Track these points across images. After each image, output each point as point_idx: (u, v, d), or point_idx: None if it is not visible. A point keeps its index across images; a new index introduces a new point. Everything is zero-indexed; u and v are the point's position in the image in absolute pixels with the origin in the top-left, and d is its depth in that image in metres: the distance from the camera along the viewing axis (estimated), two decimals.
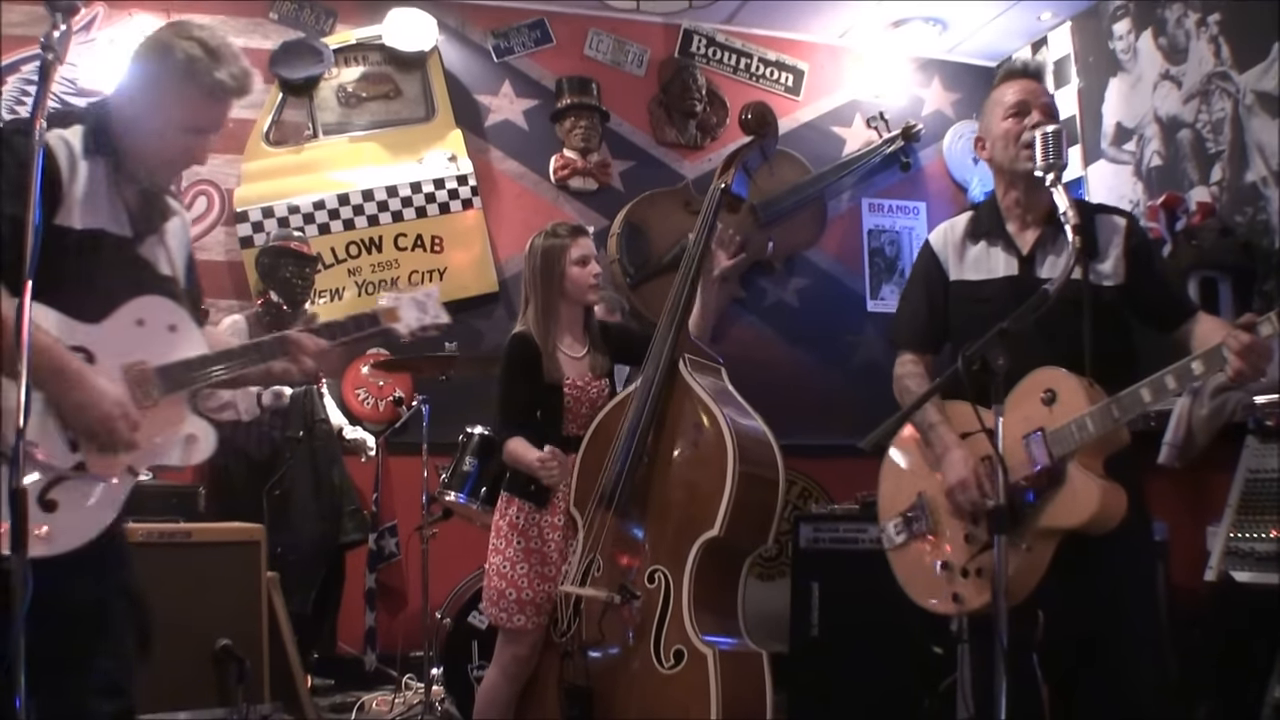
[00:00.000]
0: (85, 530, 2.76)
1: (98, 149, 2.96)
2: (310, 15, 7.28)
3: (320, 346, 3.18)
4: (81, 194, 2.89)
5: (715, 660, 3.69)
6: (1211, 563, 4.86)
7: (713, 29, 8.02)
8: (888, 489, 3.62)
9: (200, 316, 3.29)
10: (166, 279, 3.08)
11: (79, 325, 2.85)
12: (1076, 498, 3.08)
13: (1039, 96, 3.45)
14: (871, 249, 8.21)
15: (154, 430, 2.91)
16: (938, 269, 3.61)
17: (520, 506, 4.34)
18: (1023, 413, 3.15)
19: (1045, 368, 3.19)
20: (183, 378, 2.96)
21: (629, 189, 7.69)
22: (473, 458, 5.45)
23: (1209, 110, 6.47)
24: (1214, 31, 6.44)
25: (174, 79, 2.95)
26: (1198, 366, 2.93)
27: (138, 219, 3.04)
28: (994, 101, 3.50)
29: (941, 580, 3.35)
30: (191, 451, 2.97)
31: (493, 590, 4.30)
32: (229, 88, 2.98)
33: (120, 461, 2.84)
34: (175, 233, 3.20)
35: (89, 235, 2.89)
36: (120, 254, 2.98)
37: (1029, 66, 3.65)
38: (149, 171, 3.03)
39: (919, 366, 3.65)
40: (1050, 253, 3.41)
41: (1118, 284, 3.36)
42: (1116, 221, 3.44)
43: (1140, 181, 7.02)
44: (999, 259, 3.48)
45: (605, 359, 4.51)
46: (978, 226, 3.57)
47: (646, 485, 4.07)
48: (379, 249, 7.11)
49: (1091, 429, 3.05)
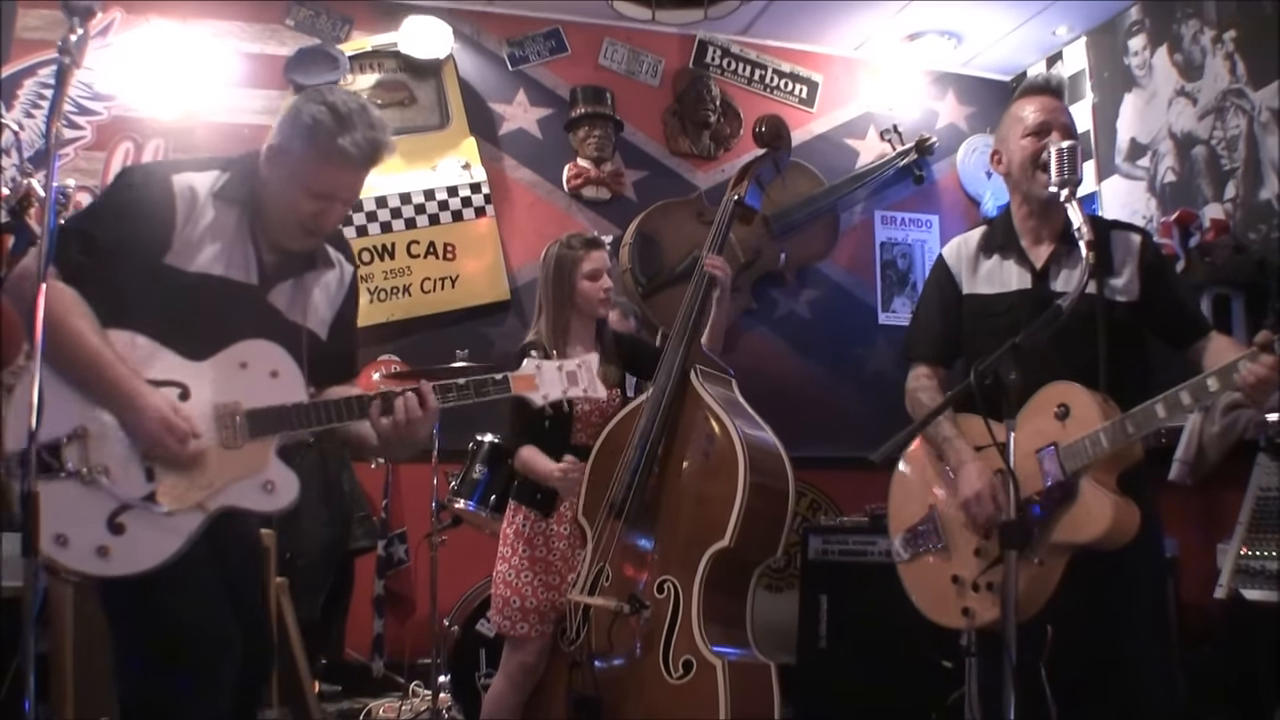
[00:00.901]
0: (143, 558, 2.76)
1: (233, 196, 3.02)
2: (326, 22, 7.29)
3: (415, 419, 3.09)
4: (199, 237, 2.94)
5: (724, 671, 3.69)
6: (1222, 580, 4.85)
7: (728, 40, 8.02)
8: (898, 502, 3.62)
9: (344, 371, 3.34)
10: (291, 326, 3.09)
11: (181, 361, 2.90)
12: (1089, 513, 3.08)
13: (1060, 116, 3.44)
14: (884, 262, 8.19)
15: (233, 471, 2.91)
16: (951, 282, 3.61)
17: (527, 515, 4.36)
18: (1036, 427, 3.15)
19: (1059, 382, 3.19)
20: (271, 423, 2.95)
21: (642, 199, 7.69)
22: (483, 465, 5.45)
23: (1224, 127, 6.46)
24: (1229, 48, 6.43)
25: (299, 142, 2.99)
26: (1212, 383, 2.93)
27: (269, 267, 3.07)
28: (1014, 117, 3.49)
29: (951, 594, 3.34)
30: (269, 498, 2.95)
31: (499, 598, 4.31)
32: (350, 155, 2.97)
33: (191, 497, 2.85)
34: (325, 286, 3.23)
35: (201, 279, 2.94)
36: (239, 299, 3.02)
37: (1051, 82, 3.63)
38: (276, 230, 3.06)
39: (932, 380, 3.65)
40: (1064, 267, 3.41)
41: (1131, 300, 3.36)
42: (1131, 238, 3.44)
43: (1154, 197, 7.00)
44: (1012, 273, 3.48)
45: (616, 369, 4.51)
46: (991, 240, 3.57)
47: (657, 495, 4.07)
48: (391, 256, 7.11)
49: (1105, 444, 3.05)
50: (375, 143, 3.01)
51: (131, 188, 2.96)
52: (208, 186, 3.00)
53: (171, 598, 2.80)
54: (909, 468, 3.61)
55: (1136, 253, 3.40)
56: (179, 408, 2.84)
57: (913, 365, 3.73)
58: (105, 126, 6.73)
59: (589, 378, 3.23)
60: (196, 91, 6.94)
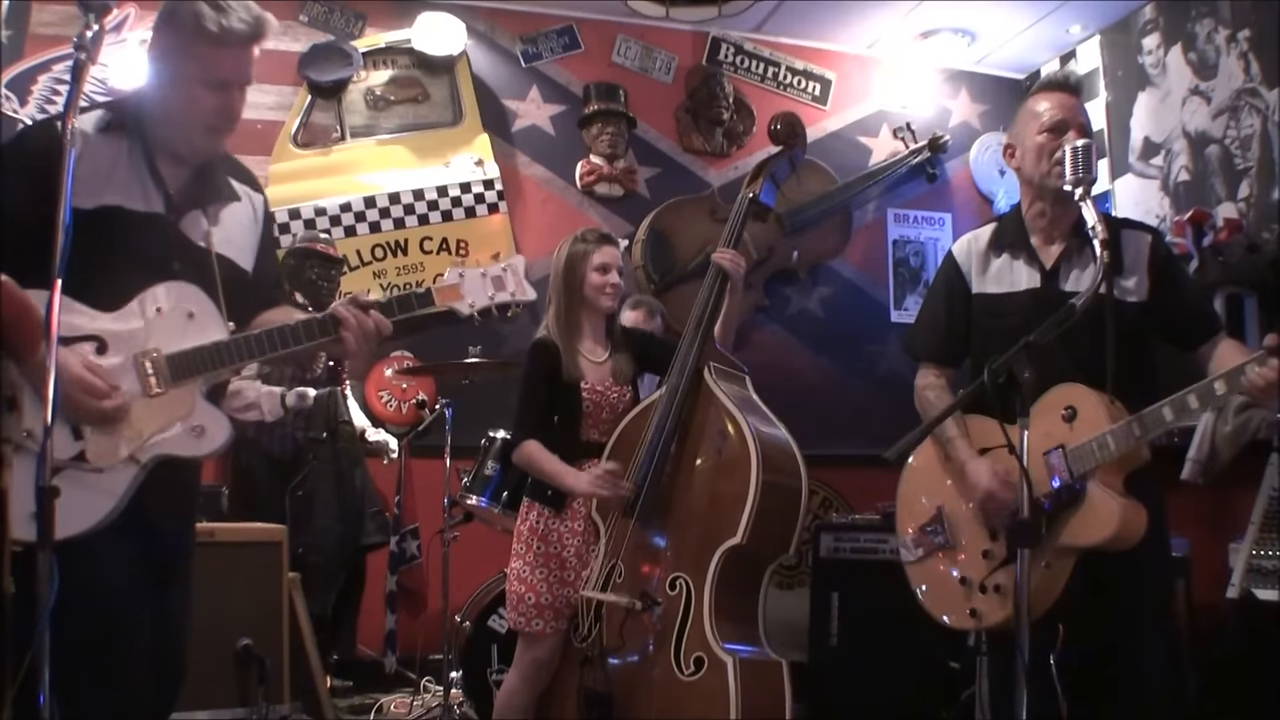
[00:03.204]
0: (83, 519, 2.70)
1: (118, 127, 2.96)
2: (340, 18, 7.30)
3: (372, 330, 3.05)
4: (92, 174, 2.85)
5: (735, 668, 3.68)
6: (1234, 580, 4.84)
7: (741, 37, 8.02)
8: (906, 501, 3.61)
9: (271, 298, 3.29)
10: (204, 254, 3.02)
11: (95, 314, 2.83)
12: (1096, 516, 3.07)
13: (1077, 114, 3.41)
14: (896, 259, 8.19)
15: (160, 419, 2.85)
16: (960, 281, 3.59)
17: (540, 512, 4.35)
18: (1043, 429, 3.14)
19: (1066, 384, 3.17)
20: (192, 366, 2.89)
21: (655, 196, 7.70)
22: (495, 462, 5.47)
23: (1238, 126, 6.45)
24: (1244, 48, 6.42)
25: (186, 38, 2.93)
26: (1220, 387, 2.92)
27: (178, 196, 3.02)
28: (1030, 112, 3.46)
29: (959, 595, 3.34)
30: (200, 443, 2.90)
31: (512, 594, 4.31)
32: (240, 32, 2.94)
33: (120, 451, 2.79)
34: (238, 216, 3.20)
35: (104, 213, 2.87)
36: (146, 229, 2.96)
37: (1069, 79, 3.59)
38: (188, 142, 3.02)
39: (940, 379, 3.64)
40: (1074, 266, 3.39)
41: (1140, 300, 3.34)
42: (1142, 237, 3.42)
43: (1167, 196, 7.00)
44: (1021, 272, 3.47)
45: (628, 365, 4.50)
46: (1001, 238, 3.54)
47: (670, 492, 4.07)
48: (404, 252, 7.12)
49: (1112, 447, 3.04)
50: (257, 16, 2.99)
51: (17, 141, 2.91)
52: (93, 124, 2.93)
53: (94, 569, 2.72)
54: (918, 466, 3.60)
55: (1147, 253, 3.38)
56: (94, 365, 2.76)
57: (920, 365, 3.73)
58: None
59: (515, 280, 3.19)
60: None
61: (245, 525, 5.08)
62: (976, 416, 3.36)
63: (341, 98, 7.21)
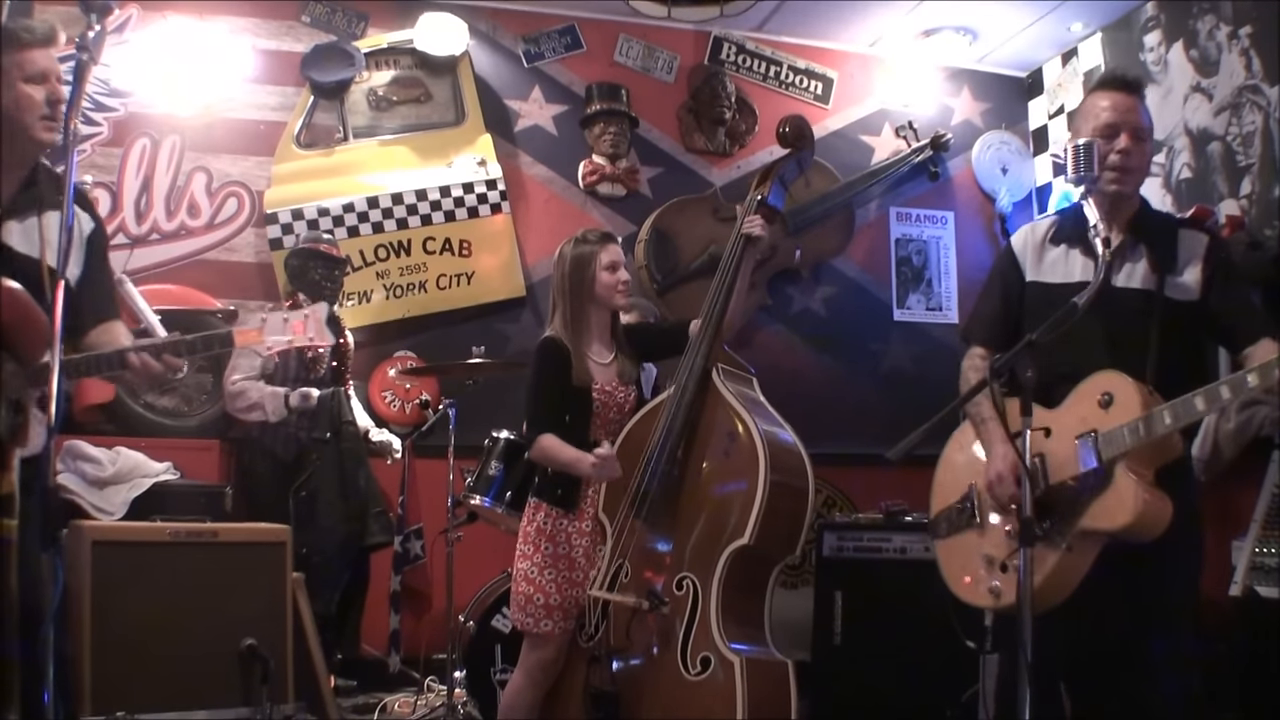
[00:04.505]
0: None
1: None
2: (342, 19, 7.31)
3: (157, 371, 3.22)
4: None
5: (742, 668, 3.70)
6: (1236, 577, 4.85)
7: (743, 36, 8.02)
8: (942, 481, 3.64)
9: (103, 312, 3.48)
10: (27, 261, 3.15)
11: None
12: (1117, 501, 3.07)
13: (1131, 116, 3.40)
14: (899, 258, 8.18)
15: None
16: (1015, 269, 3.61)
17: (548, 512, 4.35)
18: (1080, 413, 3.17)
19: (1107, 371, 3.18)
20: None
21: (657, 195, 7.70)
22: (498, 462, 5.47)
23: (1239, 123, 6.45)
24: (1245, 44, 6.42)
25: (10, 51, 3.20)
26: (1253, 379, 2.91)
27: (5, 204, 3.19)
28: (1090, 111, 3.47)
29: (982, 573, 3.35)
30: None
31: (519, 595, 4.31)
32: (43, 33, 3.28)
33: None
34: (53, 225, 3.26)
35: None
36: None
37: (1128, 78, 3.57)
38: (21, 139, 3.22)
39: (985, 360, 3.61)
40: (1128, 261, 3.40)
41: (1190, 300, 3.34)
42: (1199, 238, 3.43)
43: (1169, 194, 6.99)
44: (1076, 263, 3.48)
45: (633, 365, 4.51)
46: (1061, 230, 3.56)
47: (677, 493, 4.08)
48: (407, 252, 7.13)
49: (1142, 433, 3.04)
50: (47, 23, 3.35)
51: None
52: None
53: None
54: (955, 448, 3.65)
55: (1203, 253, 3.38)
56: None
57: (970, 346, 3.74)
58: (122, 123, 6.76)
59: (316, 326, 3.31)
60: (212, 88, 6.97)
61: (249, 525, 5.09)
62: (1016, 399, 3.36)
63: (344, 98, 7.21)
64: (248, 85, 7.08)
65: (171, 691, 4.42)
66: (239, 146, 7.03)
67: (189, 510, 5.25)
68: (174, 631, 4.47)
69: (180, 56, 6.88)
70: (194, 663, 4.48)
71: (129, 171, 6.79)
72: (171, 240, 6.84)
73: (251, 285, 6.91)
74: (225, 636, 4.56)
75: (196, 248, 6.89)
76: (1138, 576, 3.19)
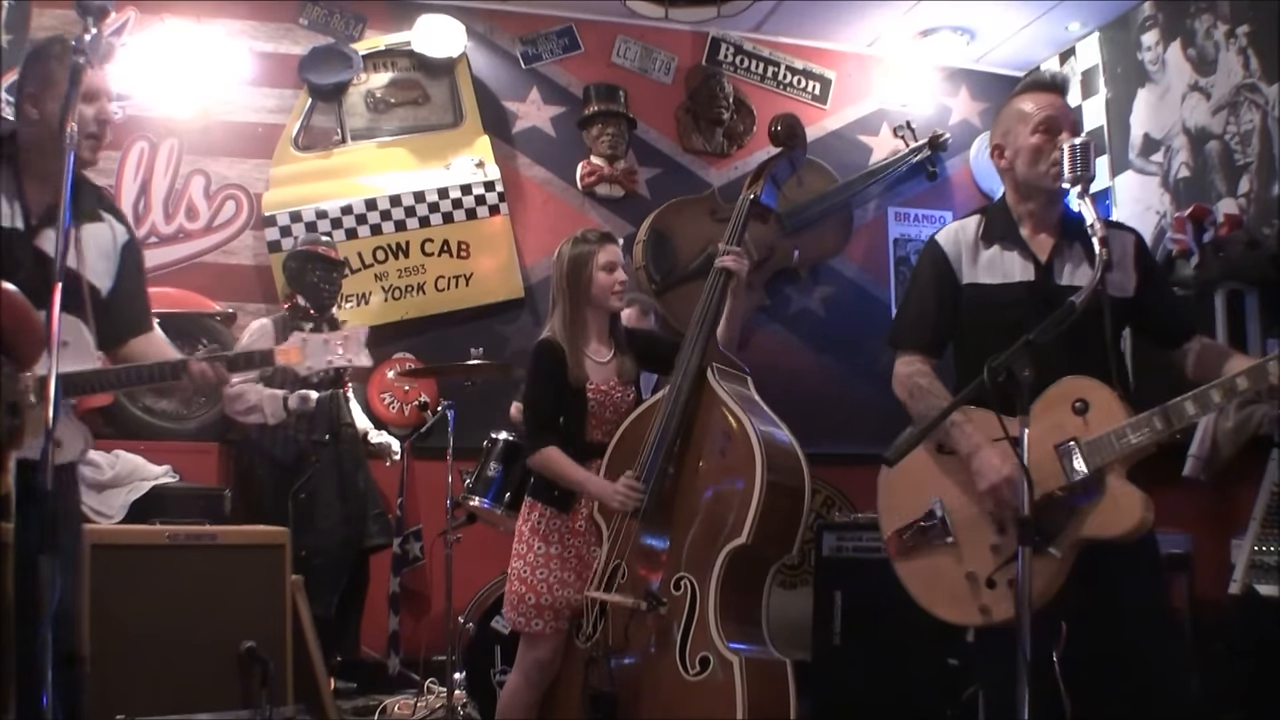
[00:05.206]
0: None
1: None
2: (340, 21, 7.31)
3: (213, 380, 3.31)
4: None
5: (741, 668, 3.69)
6: (1235, 576, 4.85)
7: (740, 37, 8.02)
8: (893, 497, 3.55)
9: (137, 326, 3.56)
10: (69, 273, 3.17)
11: None
12: (1120, 508, 3.06)
13: (1067, 113, 3.46)
14: (897, 258, 8.19)
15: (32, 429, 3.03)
16: (949, 271, 3.56)
17: (543, 512, 4.35)
18: (1052, 421, 3.14)
19: (1074, 377, 3.17)
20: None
21: (655, 196, 7.71)
22: (497, 463, 5.48)
23: (1237, 122, 6.46)
24: (1243, 43, 6.42)
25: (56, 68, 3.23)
26: (1243, 382, 2.93)
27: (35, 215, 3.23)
28: (1018, 113, 3.46)
29: (966, 592, 3.31)
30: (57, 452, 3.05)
31: (514, 595, 4.31)
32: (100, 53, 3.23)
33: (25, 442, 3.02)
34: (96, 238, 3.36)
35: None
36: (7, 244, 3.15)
37: (1056, 79, 3.64)
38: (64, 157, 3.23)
39: (927, 366, 3.61)
40: (1067, 261, 3.41)
41: (1126, 297, 3.38)
42: (1127, 236, 3.48)
43: (1167, 193, 7.00)
44: (1015, 264, 3.46)
45: (632, 365, 4.50)
46: (991, 230, 3.54)
47: (673, 493, 4.08)
48: (406, 254, 7.13)
49: (1133, 440, 3.03)
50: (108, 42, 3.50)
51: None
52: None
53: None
54: (900, 470, 3.45)
55: (1132, 252, 3.43)
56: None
57: (903, 353, 3.70)
58: (120, 126, 6.74)
59: (356, 348, 3.40)
60: (210, 90, 6.99)
61: (248, 528, 5.09)
62: (974, 408, 3.33)
63: (342, 100, 7.22)
64: (246, 88, 7.09)
65: (171, 694, 4.41)
66: (237, 149, 7.04)
67: (188, 513, 5.25)
68: (173, 634, 4.46)
69: (178, 59, 6.90)
70: (193, 665, 4.47)
71: (127, 174, 6.80)
72: (170, 243, 6.85)
73: (250, 288, 6.92)
74: (225, 639, 4.55)
75: (195, 250, 6.90)
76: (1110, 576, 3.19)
